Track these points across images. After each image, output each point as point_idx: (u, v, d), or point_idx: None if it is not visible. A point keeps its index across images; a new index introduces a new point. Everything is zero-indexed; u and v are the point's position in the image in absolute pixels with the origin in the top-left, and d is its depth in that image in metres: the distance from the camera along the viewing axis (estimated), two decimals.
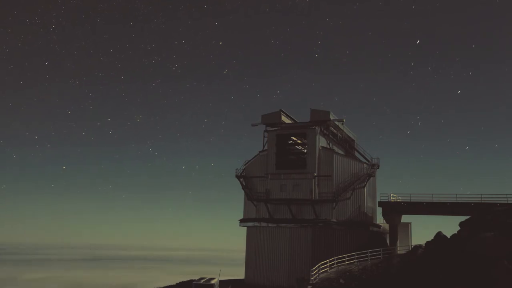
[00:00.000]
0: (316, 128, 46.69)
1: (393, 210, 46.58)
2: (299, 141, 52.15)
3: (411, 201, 46.05)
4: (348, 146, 54.60)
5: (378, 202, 47.90)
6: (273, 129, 48.52)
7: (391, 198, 47.03)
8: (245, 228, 50.12)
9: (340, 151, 49.93)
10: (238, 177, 48.92)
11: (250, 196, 47.65)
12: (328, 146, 47.90)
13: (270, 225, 46.09)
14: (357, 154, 53.62)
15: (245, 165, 49.72)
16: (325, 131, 48.37)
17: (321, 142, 47.22)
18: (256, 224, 47.10)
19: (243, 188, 49.05)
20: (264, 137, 49.71)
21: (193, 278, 49.06)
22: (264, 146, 49.39)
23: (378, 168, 49.49)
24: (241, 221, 49.84)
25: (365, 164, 47.56)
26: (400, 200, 46.80)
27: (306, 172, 45.64)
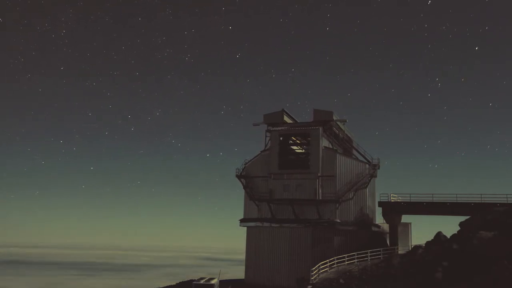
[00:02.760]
0: (320, 128, 46.66)
1: (393, 210, 46.55)
2: (298, 141, 52.12)
3: (411, 201, 46.01)
4: (348, 146, 54.57)
5: (378, 202, 47.88)
6: (276, 128, 48.33)
7: (391, 198, 47.01)
8: (245, 228, 50.06)
9: (341, 151, 49.93)
10: (238, 176, 48.85)
11: (252, 196, 47.60)
12: (330, 147, 47.88)
13: (273, 225, 46.05)
14: (357, 154, 53.58)
15: (245, 164, 49.65)
16: (327, 132, 48.32)
17: (324, 142, 47.22)
18: (258, 224, 47.01)
19: (244, 188, 48.99)
20: (266, 136, 49.61)
21: (193, 278, 49.04)
22: (266, 146, 49.29)
23: (378, 168, 49.53)
24: (242, 221, 49.78)
25: (367, 165, 47.53)
26: (400, 200, 46.77)
27: (310, 172, 45.62)
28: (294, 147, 53.52)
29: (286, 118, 49.65)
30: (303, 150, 53.20)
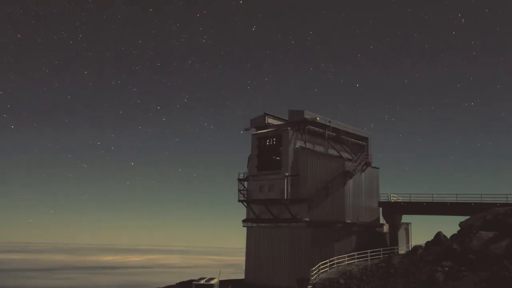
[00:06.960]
0: (289, 128, 46.67)
1: (393, 210, 46.57)
2: (274, 143, 52.42)
3: (411, 201, 46.02)
4: (342, 143, 53.48)
5: (378, 202, 47.77)
6: (254, 132, 49.76)
7: (391, 198, 47.01)
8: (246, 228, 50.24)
9: (321, 150, 49.33)
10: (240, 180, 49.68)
11: (239, 197, 48.56)
12: (305, 146, 47.69)
13: (260, 224, 46.70)
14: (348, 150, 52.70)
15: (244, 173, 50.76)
16: (302, 131, 48.30)
17: (299, 142, 47.34)
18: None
19: (239, 191, 49.70)
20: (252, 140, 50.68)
21: (193, 278, 49.05)
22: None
23: (368, 165, 48.89)
24: (244, 221, 49.93)
25: (346, 162, 46.97)
26: (400, 200, 46.77)
27: (280, 172, 45.80)
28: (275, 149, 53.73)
29: (271, 120, 50.37)
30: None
